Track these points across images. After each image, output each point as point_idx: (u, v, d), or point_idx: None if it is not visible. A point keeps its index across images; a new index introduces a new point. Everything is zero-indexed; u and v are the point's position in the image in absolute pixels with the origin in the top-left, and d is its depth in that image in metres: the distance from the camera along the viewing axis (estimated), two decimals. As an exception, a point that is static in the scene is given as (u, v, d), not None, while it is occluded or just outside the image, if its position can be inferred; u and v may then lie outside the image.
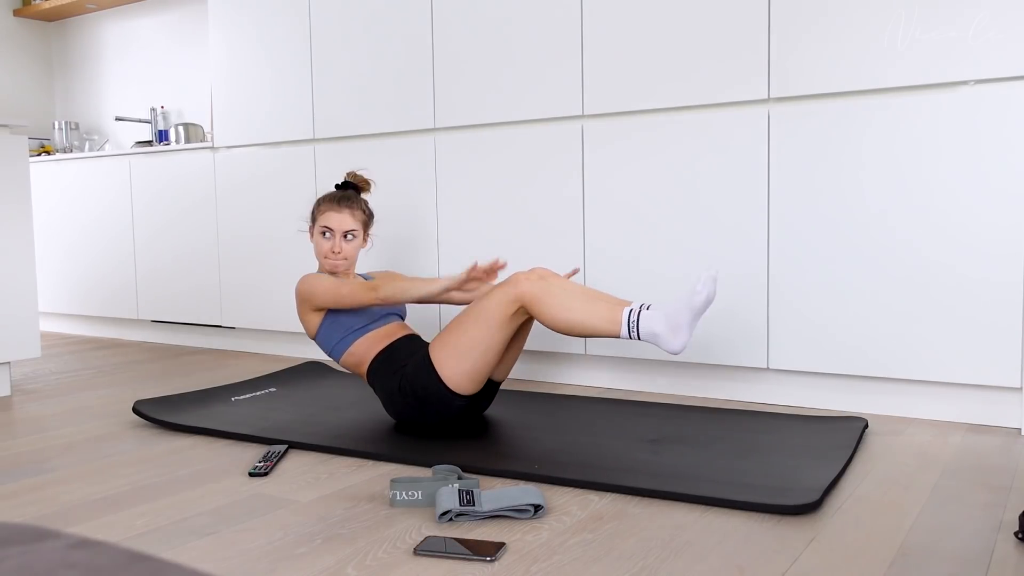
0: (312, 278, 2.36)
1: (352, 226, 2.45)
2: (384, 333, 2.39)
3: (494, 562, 1.44)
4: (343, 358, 2.39)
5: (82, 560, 0.53)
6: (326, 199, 2.48)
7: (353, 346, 2.36)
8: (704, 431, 2.24)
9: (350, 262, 2.47)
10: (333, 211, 2.45)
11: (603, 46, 2.76)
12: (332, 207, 2.45)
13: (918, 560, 1.43)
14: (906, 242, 2.35)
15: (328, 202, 2.47)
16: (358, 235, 2.47)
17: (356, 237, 2.46)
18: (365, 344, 2.36)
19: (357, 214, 2.47)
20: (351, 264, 2.49)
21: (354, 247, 2.47)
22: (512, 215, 2.98)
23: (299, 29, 3.46)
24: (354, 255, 2.48)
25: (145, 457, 2.15)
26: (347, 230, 2.44)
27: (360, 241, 2.49)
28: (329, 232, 2.44)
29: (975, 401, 2.34)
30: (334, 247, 2.43)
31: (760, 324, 2.57)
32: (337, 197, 2.48)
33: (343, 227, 2.44)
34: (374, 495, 1.82)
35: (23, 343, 2.95)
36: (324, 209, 2.46)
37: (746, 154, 2.55)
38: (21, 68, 5.05)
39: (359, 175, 2.58)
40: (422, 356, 2.25)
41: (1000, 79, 2.21)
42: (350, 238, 2.45)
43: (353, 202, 2.48)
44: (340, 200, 2.46)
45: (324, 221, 2.45)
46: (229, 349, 3.91)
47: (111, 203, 4.19)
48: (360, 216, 2.48)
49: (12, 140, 2.91)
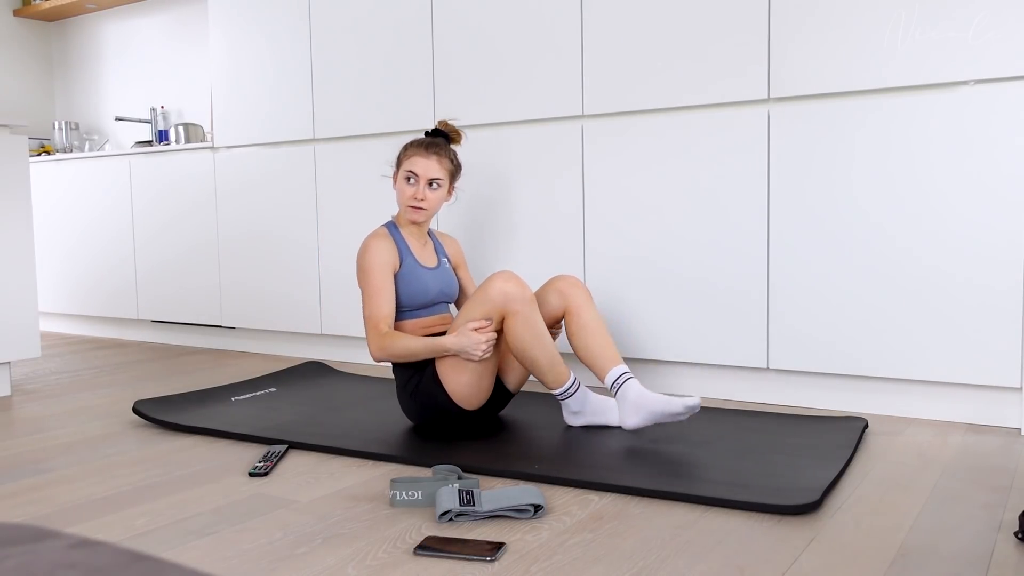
0: (371, 254, 2.26)
1: (438, 174, 2.33)
2: (425, 323, 2.35)
3: (494, 562, 1.44)
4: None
5: (82, 560, 0.53)
6: (414, 143, 2.37)
7: (397, 322, 2.33)
8: (704, 431, 2.24)
9: (431, 212, 2.36)
10: (420, 156, 2.33)
11: (603, 46, 2.76)
12: (419, 152, 2.34)
13: (918, 560, 1.43)
14: (906, 242, 2.35)
15: (416, 147, 2.35)
16: (443, 185, 2.35)
17: (441, 187, 2.35)
18: (405, 326, 2.33)
19: (444, 162, 2.35)
20: (432, 215, 2.39)
21: (437, 197, 2.35)
22: (511, 215, 2.98)
23: (299, 29, 3.46)
24: (436, 206, 2.37)
25: (145, 457, 2.15)
26: (432, 178, 2.32)
27: (444, 192, 2.37)
28: (414, 178, 2.33)
29: (975, 401, 2.34)
30: (417, 193, 2.32)
31: (760, 324, 2.57)
32: (426, 143, 2.36)
33: (428, 174, 2.32)
34: (374, 495, 1.82)
35: (23, 343, 2.95)
36: (411, 153, 2.35)
37: (746, 154, 2.55)
38: (21, 68, 5.05)
39: (450, 124, 2.45)
40: (432, 369, 2.23)
41: (1000, 79, 2.21)
42: (435, 187, 2.34)
43: (442, 149, 2.36)
44: (429, 146, 2.34)
45: (409, 166, 2.33)
46: (229, 349, 3.91)
47: (111, 203, 4.19)
48: (447, 165, 2.36)
49: (12, 140, 2.91)
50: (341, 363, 3.45)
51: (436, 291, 2.37)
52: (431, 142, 2.36)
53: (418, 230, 2.41)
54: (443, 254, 2.48)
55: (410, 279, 2.33)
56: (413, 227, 2.40)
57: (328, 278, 3.46)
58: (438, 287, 2.38)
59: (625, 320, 2.79)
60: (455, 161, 2.40)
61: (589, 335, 2.22)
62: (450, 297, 2.44)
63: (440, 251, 2.48)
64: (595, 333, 2.23)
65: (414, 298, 2.32)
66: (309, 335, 3.61)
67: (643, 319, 2.75)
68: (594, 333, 2.23)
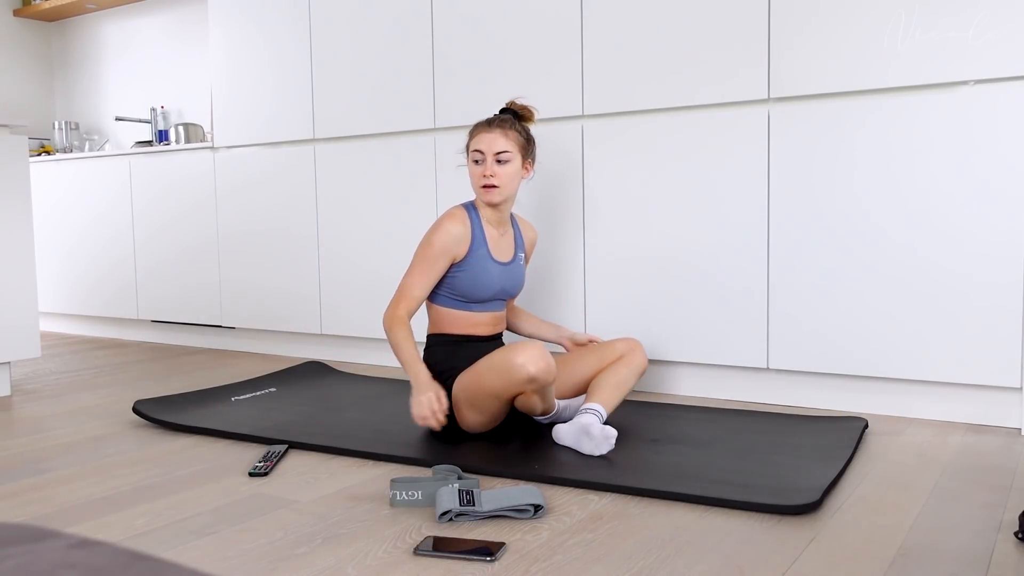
0: (438, 235, 2.17)
1: (505, 147, 2.19)
2: (474, 319, 2.25)
3: (494, 562, 1.44)
4: (433, 304, 2.27)
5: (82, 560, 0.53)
6: (479, 123, 2.26)
7: (447, 309, 2.25)
8: (704, 431, 2.24)
9: (506, 190, 2.22)
10: (483, 132, 2.22)
11: (603, 46, 2.76)
12: (483, 128, 2.23)
13: (918, 560, 1.43)
14: (907, 242, 2.35)
15: (480, 125, 2.25)
16: (513, 158, 2.21)
17: (511, 161, 2.20)
18: (454, 315, 2.24)
19: (511, 134, 2.21)
20: (508, 195, 2.24)
21: (509, 173, 2.21)
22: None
23: (299, 29, 3.46)
24: (510, 183, 2.22)
25: (145, 457, 2.15)
26: (499, 151, 2.19)
27: (517, 167, 2.23)
28: (480, 156, 2.21)
29: (975, 401, 2.34)
30: (486, 171, 2.19)
31: (760, 324, 2.57)
32: (490, 119, 2.25)
33: (494, 148, 2.19)
34: (374, 495, 1.82)
35: (23, 343, 2.95)
36: (475, 132, 2.24)
37: (746, 154, 2.55)
38: (21, 68, 5.05)
39: (518, 103, 2.34)
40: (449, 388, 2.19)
41: (1000, 79, 2.21)
42: (504, 161, 2.20)
43: (506, 123, 2.23)
44: (491, 121, 2.24)
45: (474, 144, 2.22)
46: (229, 349, 3.91)
47: (111, 203, 4.20)
48: (515, 137, 2.22)
49: (12, 140, 2.91)
50: (341, 363, 3.45)
51: (497, 288, 2.26)
52: (495, 117, 2.26)
53: (498, 216, 2.27)
54: (521, 247, 2.36)
55: (476, 271, 2.21)
56: (492, 212, 2.26)
57: (328, 278, 3.46)
58: (501, 285, 2.26)
59: (625, 320, 2.79)
60: (525, 134, 2.26)
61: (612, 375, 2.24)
62: (511, 294, 2.33)
63: (519, 243, 2.36)
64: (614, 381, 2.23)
65: (473, 291, 2.22)
66: (309, 335, 3.61)
67: (643, 319, 2.75)
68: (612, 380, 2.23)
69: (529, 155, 2.27)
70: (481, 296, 2.24)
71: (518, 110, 2.30)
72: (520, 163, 2.24)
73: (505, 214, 2.29)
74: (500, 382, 2.04)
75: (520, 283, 2.34)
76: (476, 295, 2.23)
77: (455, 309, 2.25)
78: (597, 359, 2.31)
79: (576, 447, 2.06)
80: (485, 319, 2.28)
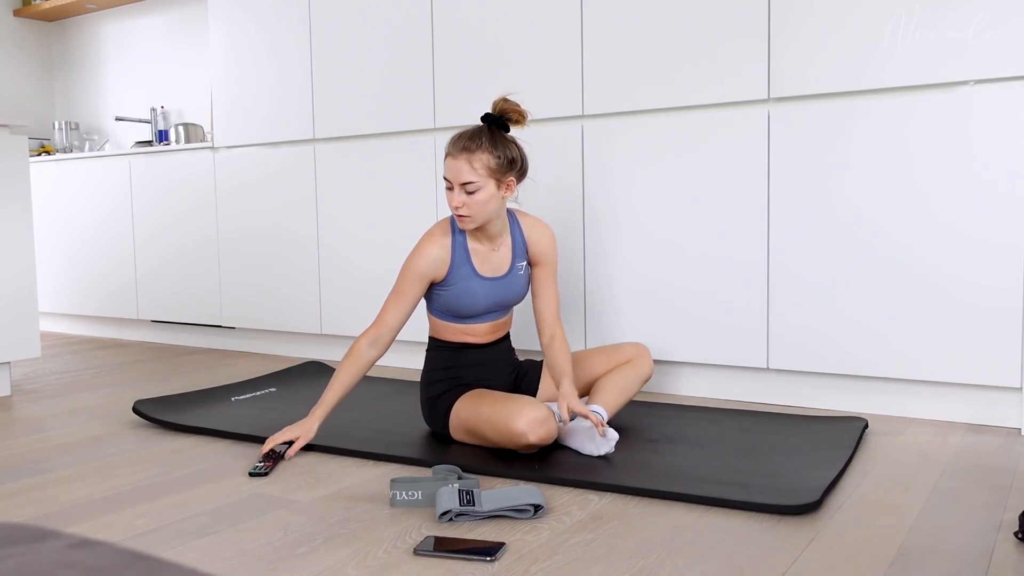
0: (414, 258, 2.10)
1: (470, 177, 2.02)
2: (468, 330, 2.19)
3: (494, 562, 1.44)
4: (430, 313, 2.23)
5: (82, 560, 0.53)
6: (450, 141, 2.08)
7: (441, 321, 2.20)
8: (704, 431, 2.24)
9: (480, 217, 2.06)
10: (450, 158, 2.05)
11: (603, 46, 2.76)
12: (450, 152, 2.06)
13: (918, 560, 1.43)
14: (907, 242, 2.35)
15: (450, 146, 2.07)
16: (482, 186, 2.03)
17: (481, 189, 2.03)
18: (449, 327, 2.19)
19: (479, 161, 2.02)
20: (485, 219, 2.07)
21: (480, 200, 2.03)
22: (512, 215, 2.98)
23: (299, 29, 3.46)
24: (483, 209, 2.05)
25: (145, 457, 2.15)
26: (464, 182, 2.02)
27: (490, 191, 2.04)
28: (449, 184, 2.07)
29: (975, 401, 2.34)
30: (453, 201, 2.05)
31: (760, 324, 2.57)
32: (460, 142, 2.06)
33: (459, 178, 2.03)
34: (374, 495, 1.82)
35: (23, 343, 2.95)
36: (446, 154, 2.08)
37: (746, 154, 2.55)
38: (21, 68, 5.05)
39: (509, 103, 2.09)
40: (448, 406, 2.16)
41: (1000, 79, 2.21)
42: (473, 191, 2.03)
43: (475, 145, 2.03)
44: (459, 143, 2.05)
45: (445, 171, 2.07)
46: (229, 349, 3.91)
47: (111, 203, 4.19)
48: (484, 162, 2.02)
49: (12, 140, 2.91)
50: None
51: (488, 303, 2.16)
52: (467, 138, 2.05)
53: (484, 233, 2.14)
54: (521, 255, 2.21)
55: (459, 290, 2.12)
56: (480, 232, 2.13)
57: (328, 278, 3.46)
58: (492, 299, 2.16)
59: (625, 320, 2.79)
60: (498, 154, 2.04)
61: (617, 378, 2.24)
62: (508, 305, 2.22)
63: (519, 251, 2.20)
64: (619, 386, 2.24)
65: (460, 309, 2.14)
66: (309, 335, 3.61)
67: (643, 319, 2.75)
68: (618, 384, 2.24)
69: (508, 175, 2.07)
70: (470, 312, 2.16)
71: (504, 114, 2.09)
72: (494, 187, 2.05)
73: (493, 230, 2.14)
74: (498, 438, 2.01)
75: (520, 293, 2.22)
76: (464, 312, 2.15)
77: (449, 322, 2.20)
78: (604, 361, 2.31)
79: (577, 447, 2.06)
80: (482, 329, 2.21)
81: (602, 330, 2.82)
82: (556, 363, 2.16)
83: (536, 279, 2.25)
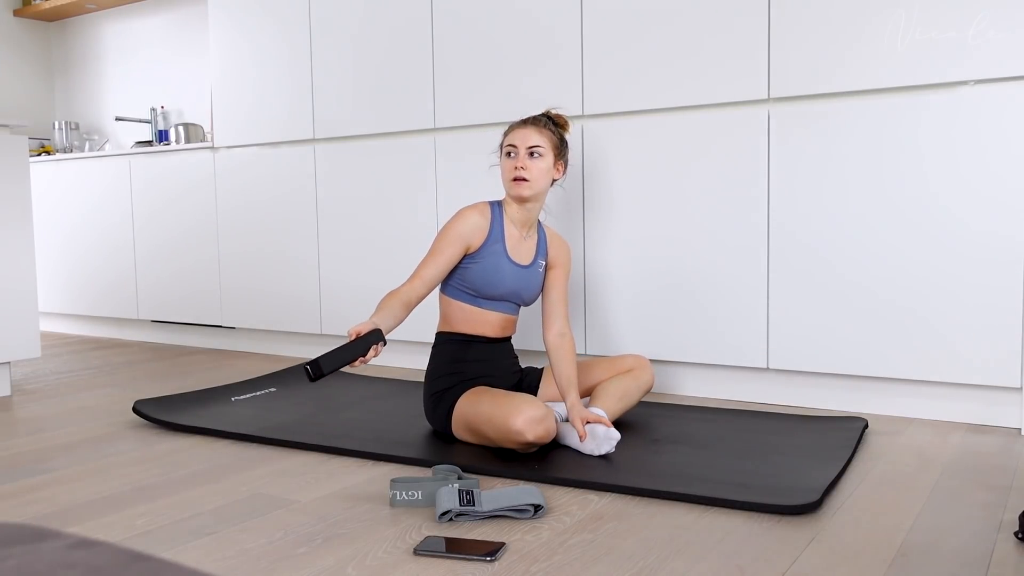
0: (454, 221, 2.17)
1: (538, 141, 2.20)
2: (479, 315, 2.22)
3: (494, 562, 1.44)
4: (445, 296, 2.25)
5: (82, 560, 0.53)
6: (515, 122, 2.29)
7: (457, 302, 2.22)
8: (704, 431, 2.24)
9: (536, 185, 2.20)
10: (518, 128, 2.24)
11: (603, 46, 2.76)
12: (518, 125, 2.25)
13: (918, 560, 1.43)
14: (907, 242, 2.35)
15: (515, 123, 2.27)
16: (545, 153, 2.20)
17: (543, 156, 2.20)
18: (463, 309, 2.21)
19: (545, 132, 2.22)
20: (538, 190, 2.21)
21: (541, 168, 2.20)
22: (512, 215, 2.98)
23: (299, 29, 3.46)
24: (540, 178, 2.21)
25: (145, 457, 2.15)
26: (532, 145, 2.19)
27: (549, 164, 2.22)
28: (513, 150, 2.21)
29: (975, 401, 2.34)
30: (517, 163, 2.19)
31: (760, 324, 2.57)
32: (526, 119, 2.27)
33: (527, 141, 2.19)
34: (374, 495, 1.82)
35: (23, 343, 2.95)
36: (510, 129, 2.26)
37: (746, 154, 2.55)
38: (21, 68, 5.05)
39: (553, 111, 2.33)
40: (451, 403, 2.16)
41: (1000, 79, 2.21)
42: (536, 156, 2.19)
43: (541, 121, 2.25)
44: (526, 119, 2.26)
45: (509, 140, 2.23)
46: (229, 349, 3.91)
47: (111, 203, 4.19)
48: (549, 135, 2.23)
49: (12, 140, 2.91)
50: (341, 363, 3.45)
51: (509, 289, 2.21)
52: (533, 118, 2.27)
53: (523, 215, 2.25)
54: (543, 255, 2.31)
55: (489, 265, 2.19)
56: (518, 211, 2.24)
57: (328, 278, 3.46)
58: (514, 287, 2.22)
59: (625, 320, 2.79)
60: (559, 136, 2.27)
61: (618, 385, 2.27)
62: (523, 302, 2.28)
63: (541, 250, 2.30)
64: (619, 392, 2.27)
65: (484, 286, 2.19)
66: (309, 335, 3.61)
67: (643, 319, 2.75)
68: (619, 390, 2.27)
69: (562, 156, 2.26)
70: (491, 293, 2.20)
71: (556, 119, 2.30)
72: (552, 161, 2.23)
73: (531, 215, 2.26)
74: (496, 436, 2.02)
75: (536, 290, 2.28)
76: (486, 290, 2.19)
77: (464, 303, 2.21)
78: (606, 369, 2.35)
79: (577, 447, 2.06)
80: (493, 319, 2.24)
81: (602, 330, 2.82)
82: (563, 370, 2.20)
83: (549, 279, 2.33)
